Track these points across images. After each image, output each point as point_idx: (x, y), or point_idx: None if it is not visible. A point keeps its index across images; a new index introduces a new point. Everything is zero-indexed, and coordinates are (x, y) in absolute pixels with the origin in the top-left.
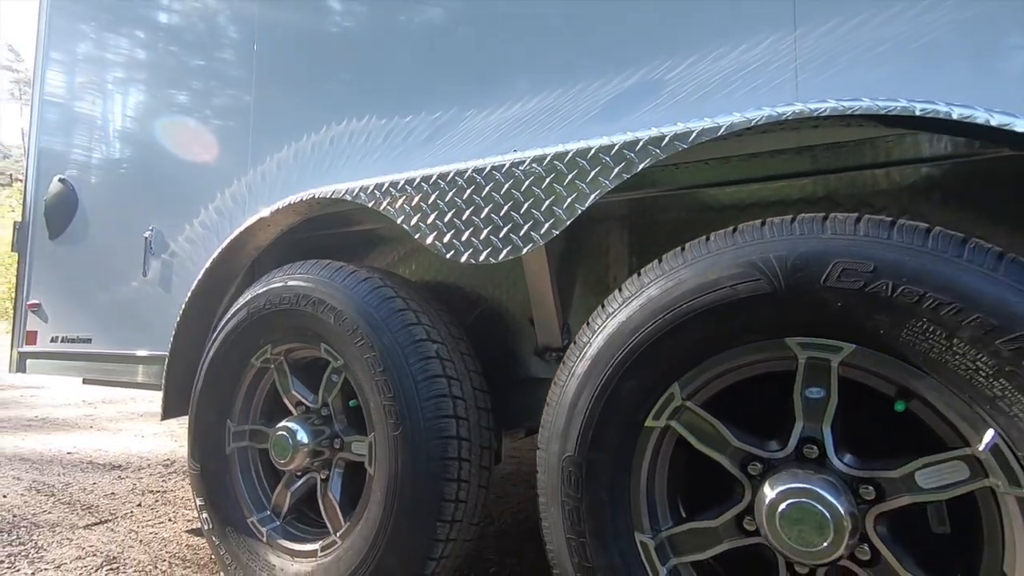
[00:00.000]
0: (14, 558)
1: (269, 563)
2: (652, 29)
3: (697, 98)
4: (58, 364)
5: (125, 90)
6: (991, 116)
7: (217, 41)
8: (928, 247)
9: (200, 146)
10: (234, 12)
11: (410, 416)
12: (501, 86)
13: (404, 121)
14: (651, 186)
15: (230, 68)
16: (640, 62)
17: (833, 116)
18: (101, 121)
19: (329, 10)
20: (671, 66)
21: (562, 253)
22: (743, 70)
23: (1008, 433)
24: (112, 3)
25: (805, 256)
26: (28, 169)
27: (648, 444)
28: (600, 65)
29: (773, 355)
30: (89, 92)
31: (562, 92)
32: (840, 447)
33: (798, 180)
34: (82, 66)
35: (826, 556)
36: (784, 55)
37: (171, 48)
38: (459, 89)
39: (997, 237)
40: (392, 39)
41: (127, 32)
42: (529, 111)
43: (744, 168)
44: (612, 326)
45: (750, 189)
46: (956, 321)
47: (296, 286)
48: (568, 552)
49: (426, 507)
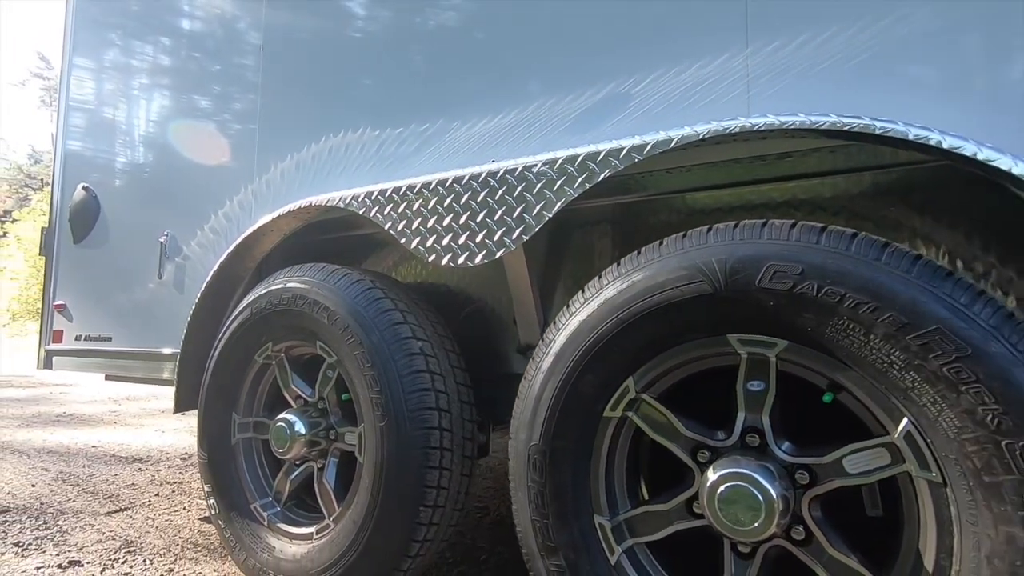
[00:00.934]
0: (41, 540)
1: (269, 545)
2: (619, 47)
3: (661, 110)
4: (81, 361)
5: (142, 101)
6: (909, 129)
7: (226, 65)
8: (851, 251)
9: (211, 156)
10: (240, 40)
11: (395, 408)
12: (482, 100)
13: (395, 133)
14: (642, 190)
15: (237, 87)
16: (609, 77)
17: (770, 129)
18: (120, 131)
19: (327, 36)
20: (636, 80)
21: (546, 255)
22: (701, 84)
23: (919, 421)
24: (137, 11)
25: (742, 259)
26: (54, 176)
27: (607, 433)
28: (573, 80)
29: (717, 351)
30: (109, 102)
31: (539, 105)
32: (779, 436)
33: (780, 184)
34: (103, 76)
35: (759, 535)
36: (737, 71)
37: (186, 66)
38: (444, 103)
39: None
40: (383, 60)
41: (145, 46)
42: (508, 123)
43: (727, 173)
44: (573, 324)
45: (739, 192)
46: (872, 319)
47: (294, 288)
48: (533, 532)
49: (409, 493)
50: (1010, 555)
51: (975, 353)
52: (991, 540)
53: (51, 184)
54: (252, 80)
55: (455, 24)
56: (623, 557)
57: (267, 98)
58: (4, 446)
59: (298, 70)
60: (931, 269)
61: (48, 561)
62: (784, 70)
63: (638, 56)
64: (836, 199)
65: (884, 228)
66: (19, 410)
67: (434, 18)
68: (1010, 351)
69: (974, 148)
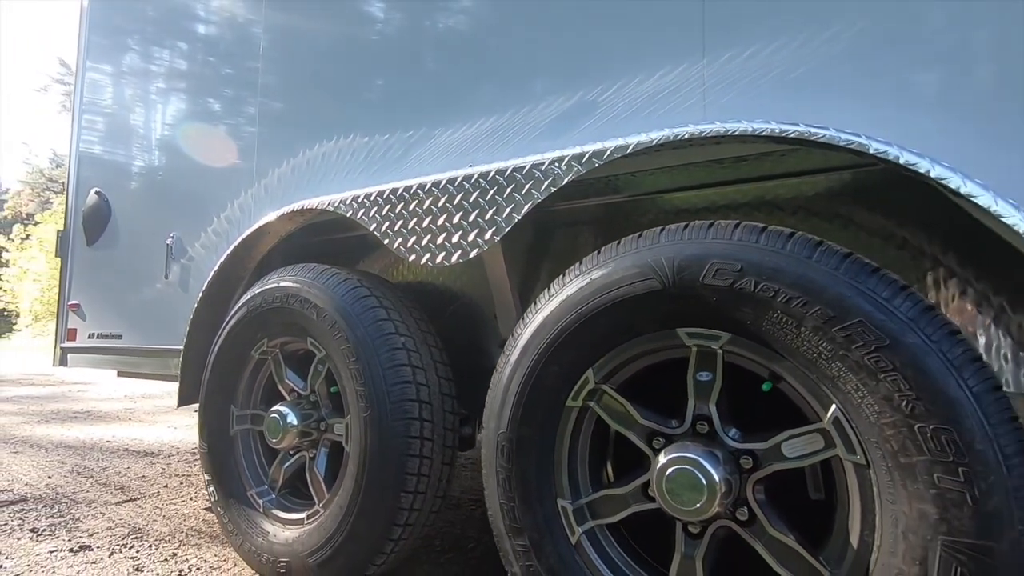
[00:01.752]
0: (54, 527)
1: (264, 530)
2: (587, 58)
3: (626, 116)
4: (94, 358)
5: (149, 108)
6: (840, 135)
7: (227, 73)
8: (786, 250)
9: (212, 161)
10: (241, 50)
11: (378, 400)
12: (462, 108)
13: (383, 139)
14: (621, 192)
15: (238, 97)
16: (578, 86)
17: (713, 136)
18: (128, 136)
19: (321, 50)
20: (603, 89)
21: (528, 254)
22: (662, 92)
23: (845, 408)
24: (146, 21)
25: (689, 258)
26: (68, 181)
27: (569, 422)
28: (545, 89)
29: (668, 344)
30: (118, 109)
31: (513, 112)
32: (726, 423)
33: (742, 186)
34: (112, 83)
35: (703, 515)
36: (695, 80)
37: (190, 74)
38: (427, 111)
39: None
40: (371, 73)
41: (152, 55)
42: (486, 129)
43: (694, 175)
44: (538, 319)
45: (705, 194)
46: (803, 312)
47: (287, 286)
48: (501, 515)
49: (391, 479)
50: (922, 530)
51: (893, 344)
52: (906, 516)
53: (66, 189)
54: (251, 88)
55: (436, 41)
56: (583, 537)
57: (265, 105)
58: (24, 441)
59: (293, 80)
60: (858, 266)
61: (60, 545)
62: (736, 79)
63: (604, 67)
64: (794, 200)
65: (840, 227)
66: (39, 407)
67: (417, 36)
68: (924, 341)
69: (896, 152)
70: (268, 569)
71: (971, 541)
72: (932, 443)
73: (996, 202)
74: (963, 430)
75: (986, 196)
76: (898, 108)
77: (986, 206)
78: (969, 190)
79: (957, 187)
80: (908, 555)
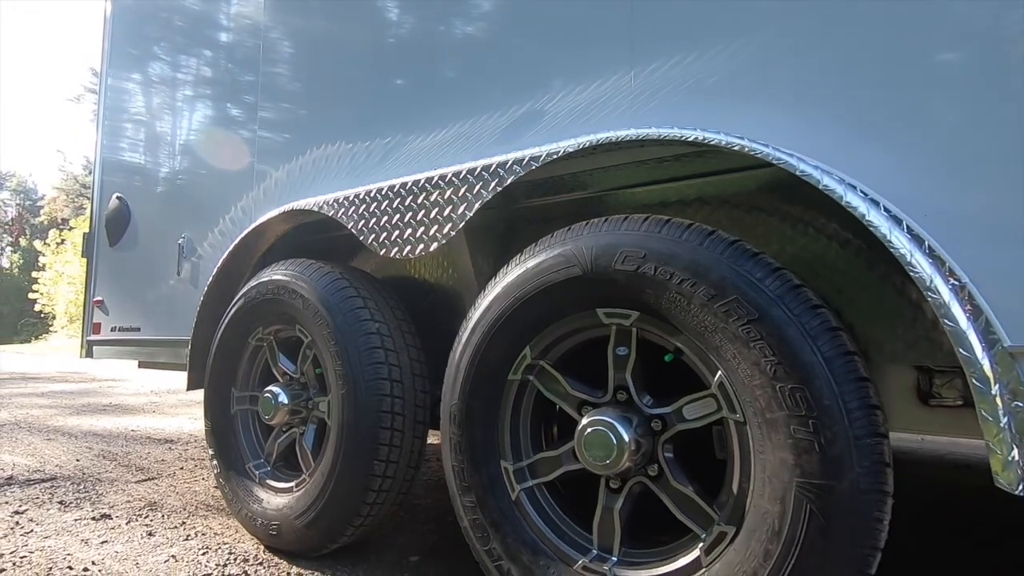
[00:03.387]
0: (80, 500)
1: (259, 497)
2: (534, 72)
3: (568, 122)
4: (116, 350)
5: (163, 117)
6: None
7: (231, 88)
8: (682, 238)
9: (218, 168)
10: (242, 62)
11: (354, 378)
12: (431, 117)
13: (364, 146)
14: (584, 188)
15: (238, 108)
16: (527, 97)
17: (627, 140)
18: (145, 144)
19: (308, 66)
20: (549, 99)
21: (501, 248)
22: (598, 100)
23: (726, 373)
24: (167, 31)
25: (603, 247)
26: (93, 187)
27: (511, 393)
28: (499, 100)
29: (591, 323)
30: (136, 117)
31: (474, 121)
32: (641, 391)
33: (688, 182)
34: (132, 93)
35: (613, 469)
36: (624, 90)
37: (199, 84)
38: (401, 121)
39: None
40: (353, 86)
41: (166, 68)
42: (451, 136)
43: (645, 173)
44: (485, 303)
45: (654, 190)
46: (692, 292)
47: (278, 279)
48: (453, 475)
49: (365, 449)
50: (782, 474)
51: (761, 316)
52: (771, 463)
53: (91, 194)
54: (250, 99)
55: (408, 62)
56: (522, 494)
57: (263, 115)
58: (56, 429)
59: (286, 92)
60: (740, 251)
61: (84, 515)
62: (659, 89)
63: (549, 80)
64: (720, 196)
65: (774, 218)
66: (71, 401)
67: (391, 59)
68: (787, 314)
69: (785, 156)
70: (262, 531)
71: (818, 481)
72: (789, 400)
73: (845, 193)
74: (814, 389)
75: (831, 182)
76: (792, 114)
77: (830, 190)
78: (828, 184)
79: (794, 169)
80: (772, 496)
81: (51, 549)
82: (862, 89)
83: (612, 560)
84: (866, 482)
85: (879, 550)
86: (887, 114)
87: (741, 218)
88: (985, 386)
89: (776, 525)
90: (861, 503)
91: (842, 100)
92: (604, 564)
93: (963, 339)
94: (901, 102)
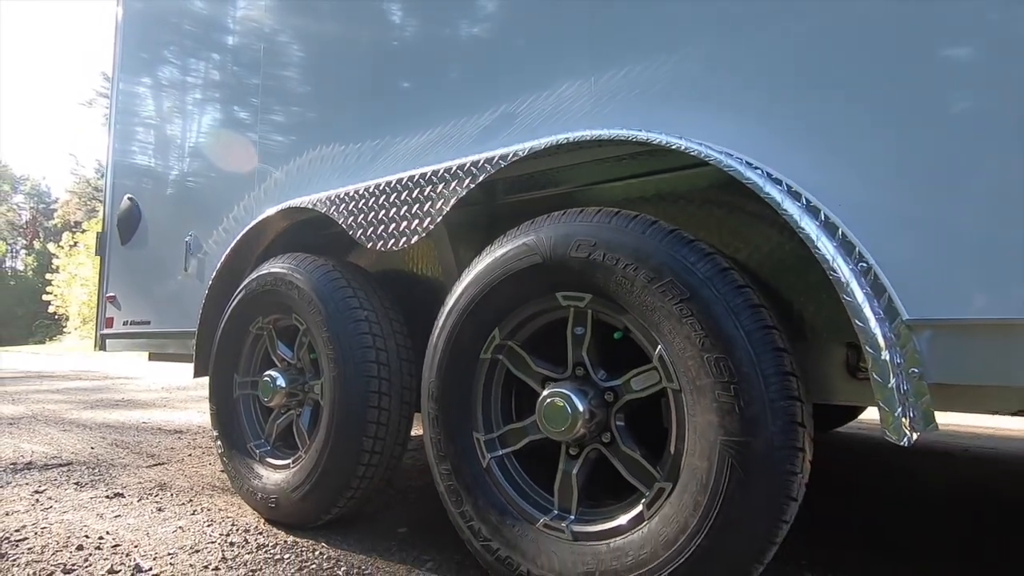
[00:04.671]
0: (95, 482)
1: (259, 473)
2: (508, 79)
3: (538, 124)
4: (128, 342)
5: (170, 121)
6: (662, 137)
7: (234, 92)
8: (628, 228)
9: (223, 170)
10: (244, 69)
11: (344, 362)
12: (415, 120)
13: (356, 147)
14: (560, 185)
15: (242, 111)
16: (501, 101)
17: (579, 141)
18: (154, 148)
19: (303, 70)
20: (520, 103)
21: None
22: (563, 103)
23: (665, 346)
24: (176, 35)
25: (560, 237)
26: (106, 188)
27: (483, 371)
28: (475, 105)
29: (552, 305)
30: (146, 120)
31: (454, 123)
32: (597, 367)
33: (650, 178)
34: (142, 96)
35: (569, 435)
36: (586, 95)
37: (206, 88)
38: (389, 124)
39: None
40: (346, 93)
41: (175, 73)
42: (434, 137)
43: (609, 170)
44: (459, 290)
45: (636, 184)
46: (635, 275)
47: (276, 272)
48: (431, 446)
49: (354, 426)
50: (710, 433)
51: (692, 296)
52: (700, 425)
53: (103, 195)
54: (252, 103)
55: (395, 71)
56: (492, 462)
57: (263, 117)
58: (71, 422)
59: (285, 95)
60: (677, 238)
61: (99, 494)
62: (615, 94)
63: (520, 86)
64: (673, 192)
65: (723, 210)
66: (85, 396)
67: (380, 68)
68: (715, 294)
69: (716, 154)
70: (262, 505)
71: (737, 439)
72: (715, 369)
73: (765, 184)
74: (735, 358)
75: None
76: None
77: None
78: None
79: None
80: (701, 454)
81: (69, 522)
82: (785, 96)
83: (570, 518)
84: (779, 439)
85: (794, 500)
86: (808, 117)
87: (695, 212)
88: (876, 352)
89: (704, 479)
90: (776, 458)
91: (768, 106)
92: (563, 522)
93: (859, 311)
94: (819, 106)
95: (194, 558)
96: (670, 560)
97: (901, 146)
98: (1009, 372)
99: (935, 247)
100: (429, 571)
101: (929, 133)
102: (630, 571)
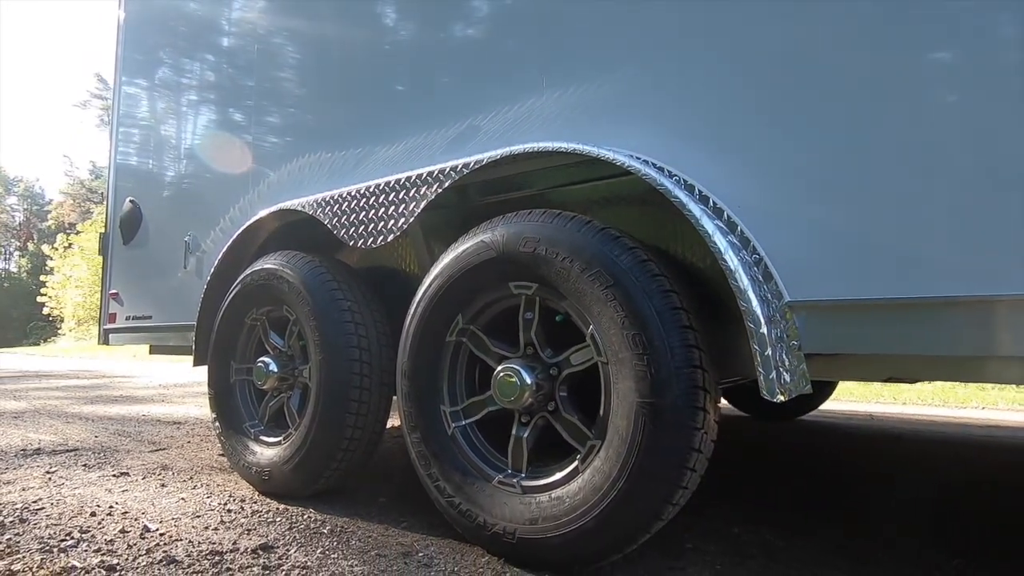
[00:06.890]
0: (101, 464)
1: (254, 451)
2: (473, 95)
3: (500, 135)
4: (130, 336)
5: (170, 124)
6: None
7: (230, 97)
8: (566, 227)
9: (220, 174)
10: (239, 79)
11: (329, 347)
12: (392, 130)
13: (341, 154)
14: (535, 186)
15: (238, 115)
16: (467, 115)
17: (527, 153)
18: (155, 150)
19: (293, 77)
20: (483, 116)
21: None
22: (520, 117)
23: (595, 326)
24: (175, 39)
25: (511, 234)
26: (108, 191)
27: (449, 352)
28: (445, 118)
29: (506, 294)
30: (148, 123)
31: (427, 134)
32: (544, 346)
33: (602, 182)
34: (143, 101)
35: (519, 404)
36: (538, 111)
37: (204, 92)
38: (371, 134)
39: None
40: (333, 102)
41: (175, 77)
42: (411, 146)
43: (568, 175)
44: (428, 281)
45: (593, 187)
46: (570, 266)
47: (269, 267)
48: (404, 418)
49: (338, 403)
50: (629, 396)
51: (615, 283)
52: (622, 390)
53: (106, 198)
54: (247, 108)
55: (374, 85)
56: (456, 431)
57: (258, 122)
58: (75, 415)
59: (277, 101)
60: (606, 235)
61: (106, 473)
62: (562, 110)
63: (484, 101)
64: (631, 194)
65: (660, 209)
66: (85, 393)
67: (361, 81)
68: (635, 281)
69: (639, 165)
70: (256, 478)
71: (649, 400)
72: (632, 343)
73: (673, 188)
74: (648, 334)
75: (665, 181)
76: (654, 133)
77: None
78: (663, 183)
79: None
80: (622, 414)
81: (80, 495)
82: (701, 114)
83: (521, 475)
84: (683, 400)
85: (696, 450)
86: (720, 133)
87: (635, 212)
88: (756, 327)
89: (624, 434)
90: (680, 415)
91: (687, 122)
92: (514, 479)
93: (743, 295)
94: (729, 124)
95: (195, 521)
96: (598, 503)
97: (786, 158)
98: (869, 342)
99: (808, 240)
100: (403, 529)
101: (812, 136)
102: (566, 514)
